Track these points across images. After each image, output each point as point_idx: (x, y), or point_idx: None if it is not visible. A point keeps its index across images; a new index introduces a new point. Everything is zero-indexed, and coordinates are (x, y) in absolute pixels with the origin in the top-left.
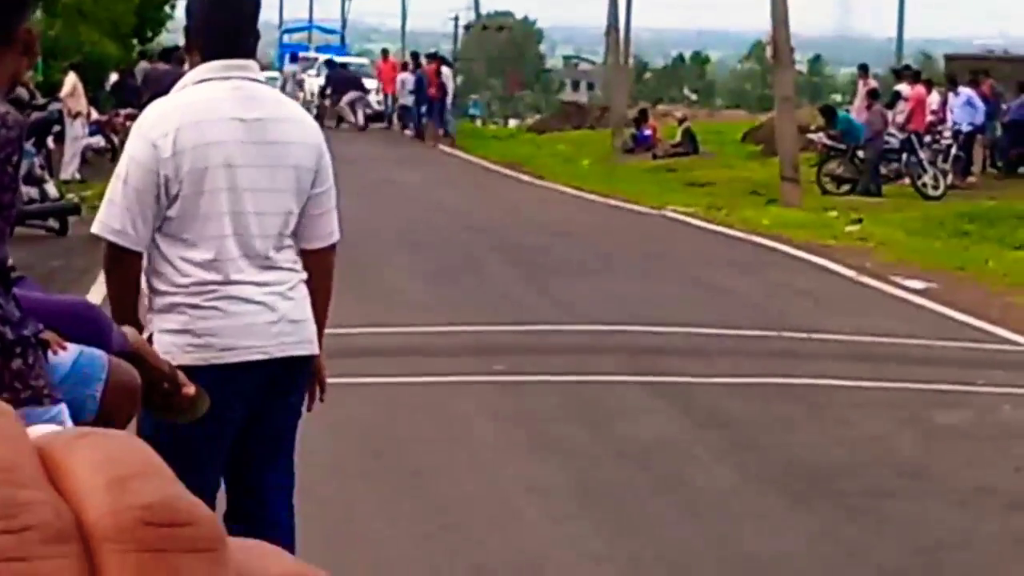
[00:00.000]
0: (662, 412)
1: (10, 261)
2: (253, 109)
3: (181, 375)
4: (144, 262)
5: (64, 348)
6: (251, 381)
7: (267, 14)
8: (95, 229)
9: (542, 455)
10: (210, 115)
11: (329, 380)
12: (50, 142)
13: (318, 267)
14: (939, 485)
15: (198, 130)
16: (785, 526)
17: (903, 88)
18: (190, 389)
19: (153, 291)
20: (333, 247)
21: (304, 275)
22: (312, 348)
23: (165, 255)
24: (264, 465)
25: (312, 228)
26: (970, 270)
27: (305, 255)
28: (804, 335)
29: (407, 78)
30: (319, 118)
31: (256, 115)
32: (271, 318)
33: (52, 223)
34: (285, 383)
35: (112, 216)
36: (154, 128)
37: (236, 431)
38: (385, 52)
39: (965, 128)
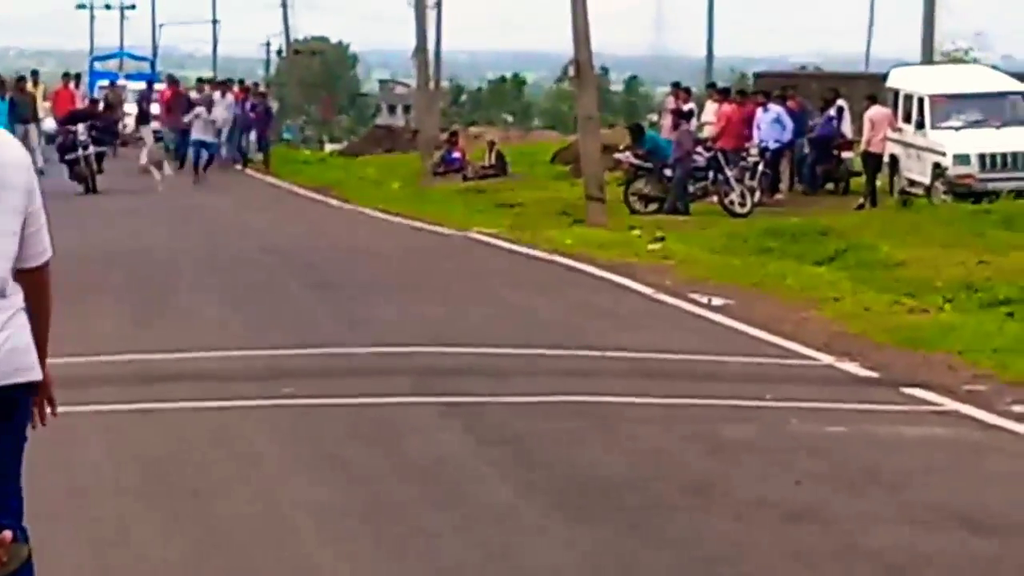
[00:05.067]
0: (449, 431)
1: None
2: None
3: None
4: None
5: None
6: None
7: (78, 42)
8: None
9: (325, 476)
10: None
11: (119, 407)
12: None
13: (36, 286)
14: (720, 499)
15: None
16: (562, 541)
17: (680, 106)
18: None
19: None
20: (47, 264)
21: (21, 303)
22: (32, 375)
23: None
24: None
25: (29, 247)
26: (767, 286)
27: (22, 275)
28: (598, 353)
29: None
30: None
31: None
32: None
33: None
34: (6, 410)
35: None
36: None
37: None
38: (172, 79)
39: (772, 145)
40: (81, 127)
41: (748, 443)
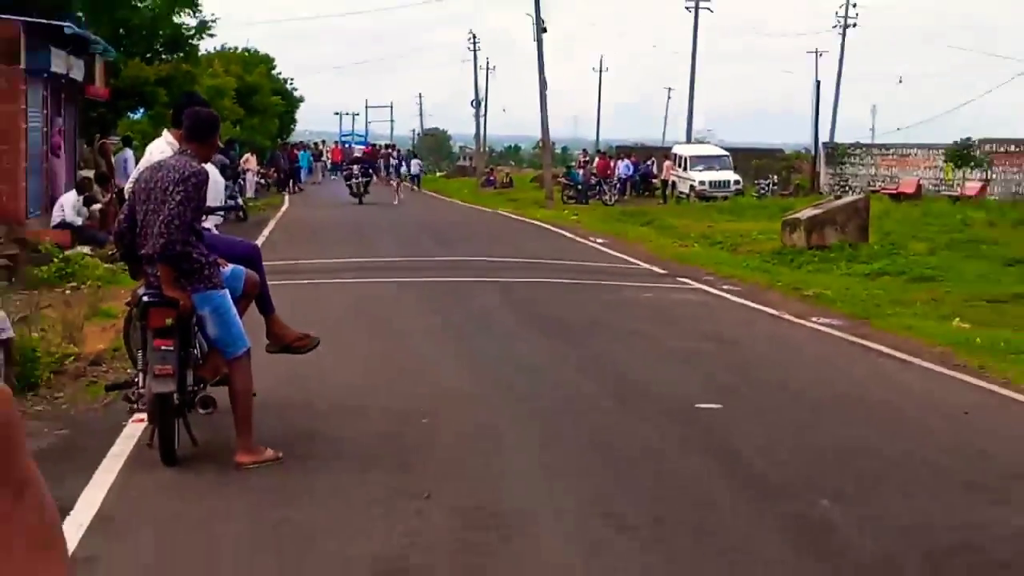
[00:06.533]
0: (490, 294)
1: (208, 224)
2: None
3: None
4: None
5: (227, 265)
6: None
7: (332, 127)
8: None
9: (432, 308)
10: None
11: (348, 280)
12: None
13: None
14: (606, 328)
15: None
16: (534, 343)
17: (585, 159)
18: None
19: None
20: None
21: None
22: None
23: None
24: None
25: None
26: (621, 235)
27: None
28: (550, 261)
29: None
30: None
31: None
32: None
33: (240, 215)
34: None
35: None
36: None
37: None
38: (372, 145)
39: (623, 176)
40: (356, 167)
41: (617, 302)
